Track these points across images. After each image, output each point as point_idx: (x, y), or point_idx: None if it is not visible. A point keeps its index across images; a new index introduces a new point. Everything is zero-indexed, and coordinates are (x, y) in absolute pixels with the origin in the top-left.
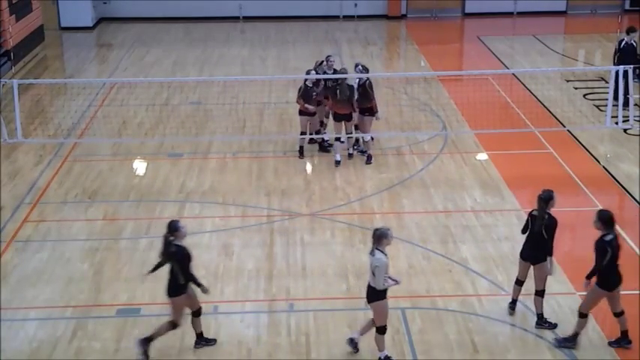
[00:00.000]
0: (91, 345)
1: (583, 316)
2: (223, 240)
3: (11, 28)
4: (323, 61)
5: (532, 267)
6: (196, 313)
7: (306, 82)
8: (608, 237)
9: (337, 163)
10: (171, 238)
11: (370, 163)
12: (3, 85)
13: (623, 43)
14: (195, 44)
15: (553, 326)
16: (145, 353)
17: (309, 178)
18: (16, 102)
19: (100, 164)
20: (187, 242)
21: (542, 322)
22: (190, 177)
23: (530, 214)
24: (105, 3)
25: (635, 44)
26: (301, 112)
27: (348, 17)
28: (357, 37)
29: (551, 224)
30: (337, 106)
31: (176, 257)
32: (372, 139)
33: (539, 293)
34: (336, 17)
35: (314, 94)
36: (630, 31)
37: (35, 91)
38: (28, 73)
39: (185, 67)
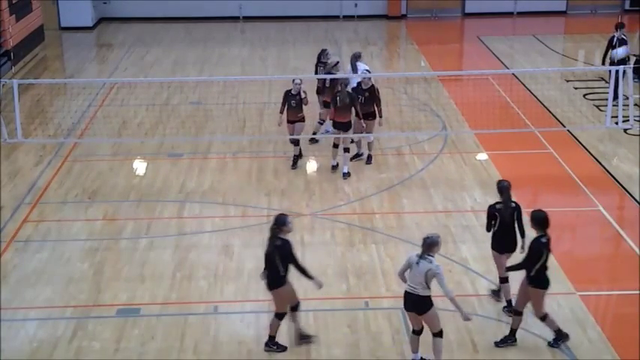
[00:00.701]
0: (91, 345)
1: (518, 313)
2: (223, 240)
3: (11, 28)
4: (337, 63)
5: (501, 256)
6: (294, 308)
7: (291, 91)
8: (544, 239)
9: (334, 168)
10: (278, 231)
11: (370, 163)
12: (3, 85)
13: (615, 39)
14: (195, 44)
15: (511, 311)
16: (278, 345)
17: (309, 178)
18: (16, 102)
19: (100, 164)
20: (187, 242)
21: (510, 308)
22: (190, 177)
23: (495, 209)
24: (105, 3)
25: (625, 38)
26: (288, 120)
27: (348, 17)
28: (357, 37)
29: (520, 210)
30: (337, 113)
31: (280, 250)
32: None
33: (504, 280)
34: (336, 17)
35: (293, 102)
36: (620, 27)
37: (35, 91)
38: (28, 73)
39: (185, 67)
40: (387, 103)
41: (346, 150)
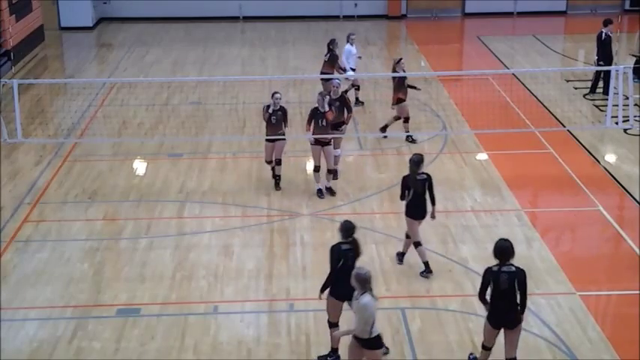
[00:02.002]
0: (91, 345)
1: (332, 325)
2: (223, 240)
3: (11, 28)
4: (400, 60)
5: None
6: None
7: (269, 108)
8: (344, 246)
9: (320, 192)
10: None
11: (336, 178)
12: (3, 85)
13: (604, 35)
14: (195, 44)
15: (430, 272)
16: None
17: (309, 178)
18: (16, 102)
19: (100, 164)
20: (187, 242)
21: (427, 270)
22: (190, 177)
23: (408, 180)
24: (105, 3)
25: (611, 35)
26: (266, 139)
27: (348, 17)
28: (357, 37)
29: (431, 180)
30: (317, 131)
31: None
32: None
33: (417, 244)
34: (336, 17)
35: (273, 118)
36: (607, 22)
37: (35, 91)
38: (28, 73)
39: (185, 67)
40: (387, 103)
41: (330, 172)
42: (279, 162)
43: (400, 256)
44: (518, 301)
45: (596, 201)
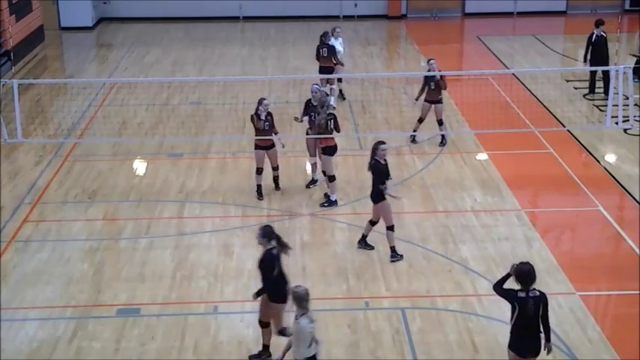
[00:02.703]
0: (91, 345)
1: (264, 325)
2: (223, 240)
3: (11, 28)
4: (430, 60)
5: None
6: None
7: (257, 111)
8: (275, 250)
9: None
10: None
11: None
12: (3, 85)
13: (594, 36)
14: (195, 44)
15: (401, 257)
16: None
17: (309, 178)
18: (16, 102)
19: (100, 164)
20: (187, 242)
21: (395, 254)
22: (190, 177)
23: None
24: (105, 3)
25: (604, 35)
26: (256, 146)
27: (348, 17)
28: (357, 37)
29: (377, 168)
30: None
31: None
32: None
33: (390, 228)
34: (336, 17)
35: (266, 124)
36: (599, 23)
37: (35, 91)
38: (28, 73)
39: (185, 67)
40: (387, 103)
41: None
42: (277, 168)
43: (364, 240)
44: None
45: (596, 201)
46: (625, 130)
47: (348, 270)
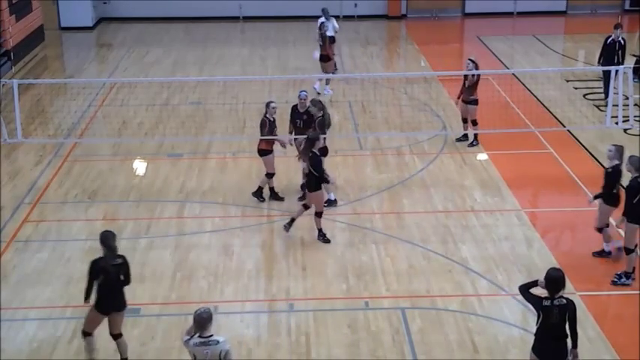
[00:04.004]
0: None
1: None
2: (223, 240)
3: (11, 28)
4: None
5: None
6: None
7: (267, 115)
8: (118, 260)
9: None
10: None
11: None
12: (3, 85)
13: (610, 39)
14: (195, 44)
15: (328, 241)
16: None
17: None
18: (16, 102)
19: (100, 164)
20: (187, 242)
21: (322, 235)
22: (190, 177)
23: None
24: (105, 3)
25: (622, 40)
26: (263, 152)
27: (348, 17)
28: (357, 37)
29: (315, 160)
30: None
31: None
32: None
33: (318, 215)
34: (336, 17)
35: (275, 128)
36: (616, 27)
37: (35, 91)
38: (28, 73)
39: (185, 67)
40: (387, 103)
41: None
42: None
43: (290, 225)
44: (566, 333)
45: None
46: (625, 130)
47: (348, 270)
